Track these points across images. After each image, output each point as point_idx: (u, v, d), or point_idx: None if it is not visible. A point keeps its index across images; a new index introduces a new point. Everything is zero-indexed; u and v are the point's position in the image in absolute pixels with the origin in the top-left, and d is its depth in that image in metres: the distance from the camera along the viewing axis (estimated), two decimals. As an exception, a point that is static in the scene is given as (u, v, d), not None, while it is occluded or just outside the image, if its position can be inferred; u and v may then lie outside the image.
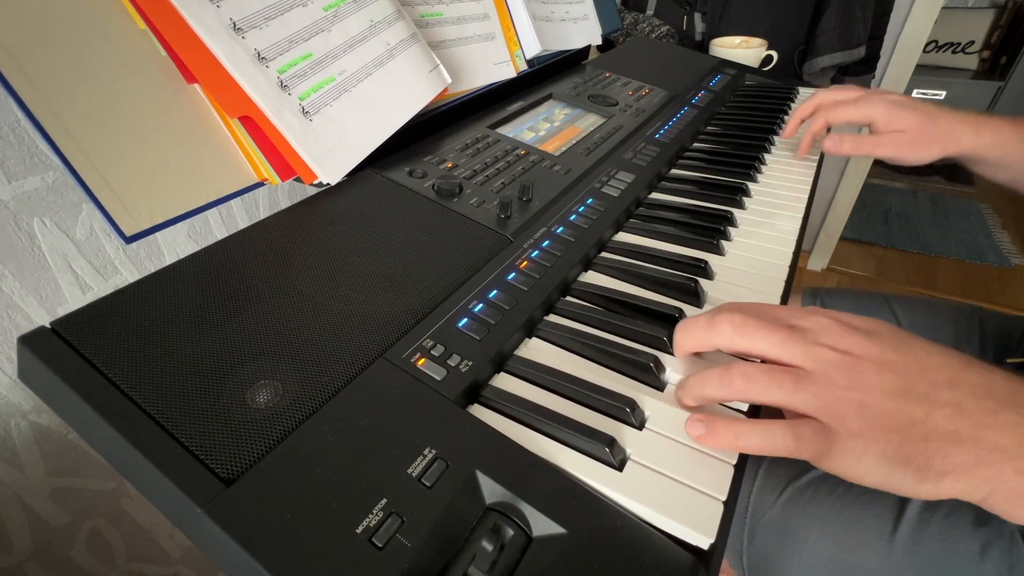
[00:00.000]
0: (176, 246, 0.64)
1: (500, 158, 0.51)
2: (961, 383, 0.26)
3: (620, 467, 0.27)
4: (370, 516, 0.23)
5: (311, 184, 0.42)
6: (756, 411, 0.32)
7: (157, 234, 0.55)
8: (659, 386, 0.33)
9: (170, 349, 0.28)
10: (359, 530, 0.22)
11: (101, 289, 0.58)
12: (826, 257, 1.85)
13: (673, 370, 0.34)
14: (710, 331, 0.30)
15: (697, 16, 1.40)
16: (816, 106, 0.60)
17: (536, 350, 0.35)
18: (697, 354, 0.34)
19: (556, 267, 0.40)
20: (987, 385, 0.26)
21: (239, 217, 0.71)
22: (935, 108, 0.54)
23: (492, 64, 0.61)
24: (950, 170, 2.36)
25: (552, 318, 0.38)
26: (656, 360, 0.33)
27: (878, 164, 1.78)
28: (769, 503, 0.49)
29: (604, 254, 0.45)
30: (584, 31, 0.76)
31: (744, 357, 0.33)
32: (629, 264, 0.43)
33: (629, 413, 0.30)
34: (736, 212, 0.51)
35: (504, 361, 0.34)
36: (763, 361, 0.29)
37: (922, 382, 0.26)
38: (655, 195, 0.55)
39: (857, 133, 0.58)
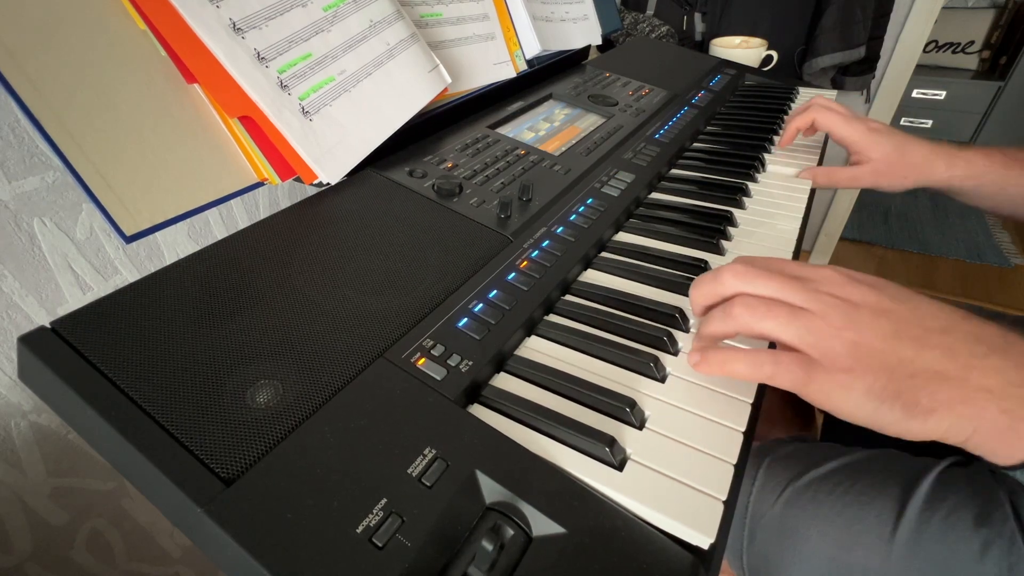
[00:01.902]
0: (176, 246, 0.64)
1: (500, 158, 0.51)
2: (955, 330, 0.27)
3: (620, 467, 0.27)
4: (370, 516, 0.23)
5: (311, 184, 0.42)
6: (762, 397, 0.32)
7: (157, 234, 0.55)
8: (659, 384, 0.33)
9: (170, 349, 0.28)
10: (359, 530, 0.22)
11: (101, 289, 0.58)
12: (826, 257, 1.85)
13: (673, 369, 0.34)
14: (715, 281, 0.32)
15: (697, 16, 1.40)
16: (808, 105, 0.61)
17: (536, 350, 0.35)
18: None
19: (556, 267, 0.40)
20: (980, 333, 0.26)
21: (239, 217, 0.71)
22: (910, 140, 0.56)
23: (492, 64, 0.61)
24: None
25: (552, 318, 0.38)
26: (656, 359, 0.33)
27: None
28: (769, 503, 0.49)
29: (604, 254, 0.45)
30: (584, 31, 0.76)
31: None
32: (629, 264, 0.43)
33: (629, 413, 0.30)
34: (736, 212, 0.51)
35: (504, 361, 0.34)
36: None
37: (916, 328, 0.27)
38: (655, 195, 0.55)
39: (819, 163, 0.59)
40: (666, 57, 0.86)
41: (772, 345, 0.33)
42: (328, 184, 0.42)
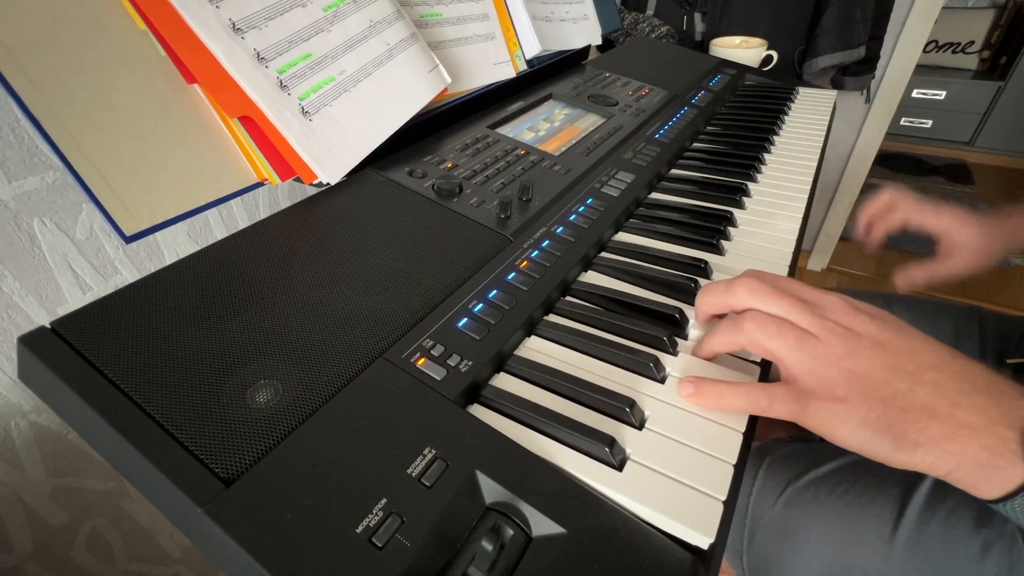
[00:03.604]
0: (176, 246, 0.64)
1: (500, 158, 0.51)
2: (945, 368, 0.28)
3: (620, 467, 0.27)
4: (370, 516, 0.23)
5: (311, 184, 0.42)
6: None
7: (157, 234, 0.55)
8: (659, 385, 0.33)
9: (170, 349, 0.28)
10: (359, 530, 0.22)
11: (101, 289, 0.58)
12: (826, 257, 1.85)
13: (673, 370, 0.34)
14: (727, 293, 0.33)
15: (697, 16, 1.40)
16: (891, 205, 0.60)
17: (536, 350, 0.35)
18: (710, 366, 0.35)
19: (556, 267, 0.40)
20: (967, 372, 0.28)
21: (239, 217, 0.71)
22: (993, 217, 0.56)
23: (492, 64, 0.61)
24: (950, 170, 2.36)
25: (552, 318, 0.38)
26: (656, 360, 0.33)
27: (877, 164, 1.78)
28: (769, 503, 0.49)
29: (604, 254, 0.45)
30: (584, 31, 0.76)
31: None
32: (629, 264, 0.43)
33: (629, 413, 0.30)
34: (736, 212, 0.51)
35: (504, 361, 0.34)
36: None
37: (911, 362, 0.28)
38: (655, 195, 0.55)
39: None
40: (666, 57, 0.86)
41: (764, 373, 0.34)
42: (328, 184, 0.42)
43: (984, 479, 0.26)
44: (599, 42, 0.79)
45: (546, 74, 0.71)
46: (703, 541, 0.25)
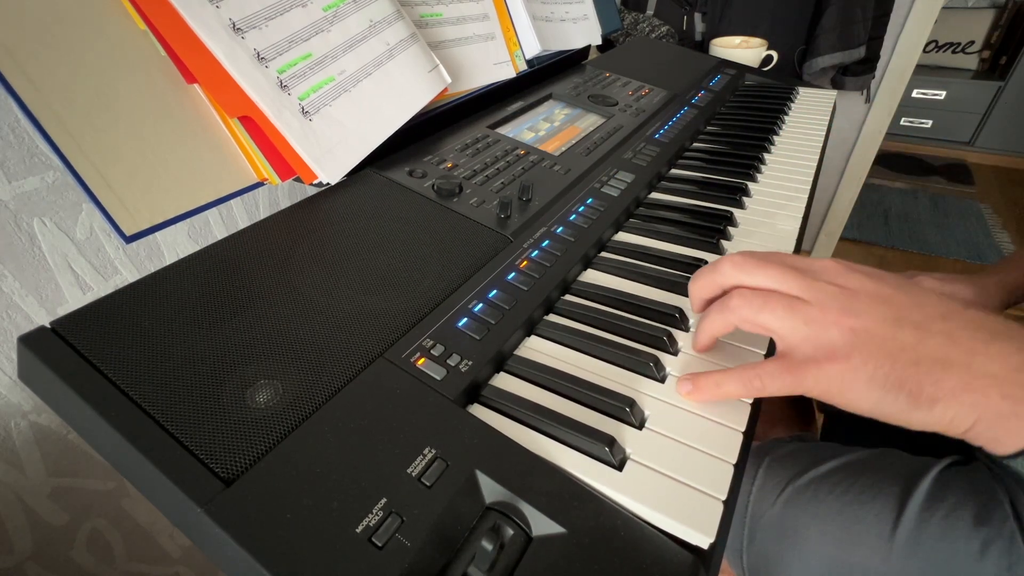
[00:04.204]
0: (176, 246, 0.64)
1: (500, 158, 0.51)
2: (956, 317, 0.26)
3: (620, 467, 0.27)
4: (370, 516, 0.23)
5: (311, 184, 0.42)
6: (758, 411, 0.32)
7: (157, 234, 0.55)
8: (659, 384, 0.33)
9: (170, 349, 0.28)
10: (359, 530, 0.22)
11: (101, 289, 0.58)
12: (826, 257, 1.85)
13: (673, 369, 0.34)
14: (714, 271, 0.32)
15: (697, 16, 1.40)
16: None
17: (536, 350, 0.35)
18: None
19: (556, 267, 0.40)
20: (981, 320, 0.26)
21: (239, 217, 0.71)
22: (981, 279, 0.56)
23: (492, 64, 0.61)
24: (950, 171, 2.36)
25: (552, 317, 0.38)
26: (656, 359, 0.33)
27: (877, 164, 1.78)
28: (769, 502, 0.49)
29: (604, 254, 0.45)
30: (584, 31, 0.76)
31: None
32: (629, 264, 0.43)
33: (629, 413, 0.30)
34: (736, 212, 0.51)
35: (504, 361, 0.34)
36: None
37: (916, 313, 0.26)
38: (655, 195, 0.55)
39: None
40: (666, 57, 0.86)
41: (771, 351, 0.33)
42: (328, 184, 0.42)
43: (1006, 431, 0.24)
44: (599, 42, 0.79)
45: (546, 74, 0.71)
46: (703, 541, 0.25)
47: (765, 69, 1.04)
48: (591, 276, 0.43)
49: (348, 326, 0.32)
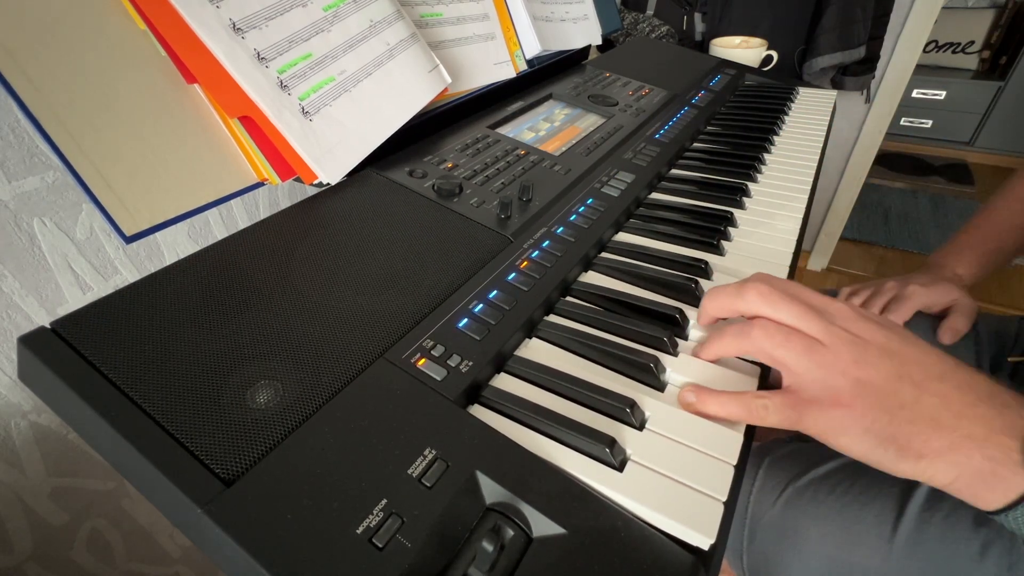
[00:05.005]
0: (176, 246, 0.64)
1: (500, 158, 0.51)
2: (950, 378, 0.28)
3: (620, 467, 0.27)
4: (370, 516, 0.23)
5: (311, 184, 0.42)
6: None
7: (157, 234, 0.55)
8: (659, 386, 0.33)
9: (170, 349, 0.28)
10: (359, 530, 0.22)
11: (101, 289, 0.58)
12: (826, 257, 1.85)
13: (673, 370, 0.34)
14: (737, 297, 0.32)
15: (697, 16, 1.40)
16: (900, 296, 0.61)
17: (536, 350, 0.35)
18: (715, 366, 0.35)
19: (556, 267, 0.40)
20: (971, 383, 0.28)
21: (239, 217, 0.71)
22: (960, 266, 0.62)
23: (492, 64, 0.61)
24: (950, 170, 2.36)
25: (552, 318, 0.38)
26: (656, 360, 0.33)
27: (877, 164, 1.78)
28: (769, 503, 0.49)
29: (604, 254, 0.45)
30: (584, 31, 0.76)
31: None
32: (629, 264, 0.43)
33: (629, 413, 0.30)
34: (736, 212, 0.51)
35: (504, 361, 0.34)
36: None
37: (917, 372, 0.28)
38: (655, 195, 0.55)
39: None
40: (666, 57, 0.86)
41: (764, 376, 0.34)
42: (328, 184, 0.42)
43: (985, 489, 0.26)
44: (599, 42, 0.79)
45: (546, 74, 0.71)
46: (703, 542, 0.25)
47: (765, 69, 1.04)
48: (591, 277, 0.43)
49: (348, 326, 0.32)
